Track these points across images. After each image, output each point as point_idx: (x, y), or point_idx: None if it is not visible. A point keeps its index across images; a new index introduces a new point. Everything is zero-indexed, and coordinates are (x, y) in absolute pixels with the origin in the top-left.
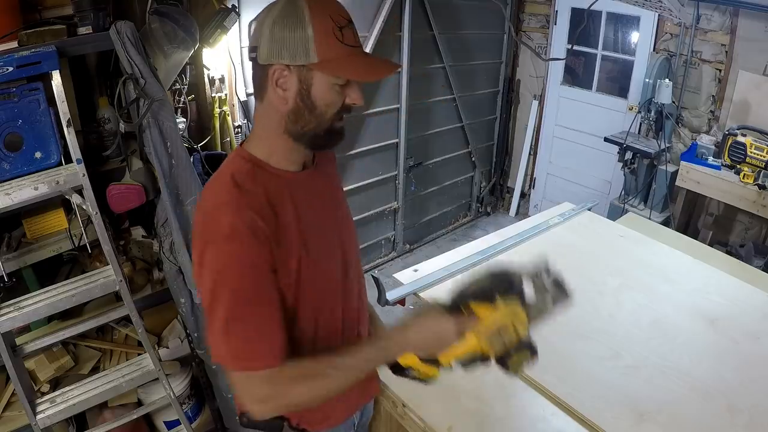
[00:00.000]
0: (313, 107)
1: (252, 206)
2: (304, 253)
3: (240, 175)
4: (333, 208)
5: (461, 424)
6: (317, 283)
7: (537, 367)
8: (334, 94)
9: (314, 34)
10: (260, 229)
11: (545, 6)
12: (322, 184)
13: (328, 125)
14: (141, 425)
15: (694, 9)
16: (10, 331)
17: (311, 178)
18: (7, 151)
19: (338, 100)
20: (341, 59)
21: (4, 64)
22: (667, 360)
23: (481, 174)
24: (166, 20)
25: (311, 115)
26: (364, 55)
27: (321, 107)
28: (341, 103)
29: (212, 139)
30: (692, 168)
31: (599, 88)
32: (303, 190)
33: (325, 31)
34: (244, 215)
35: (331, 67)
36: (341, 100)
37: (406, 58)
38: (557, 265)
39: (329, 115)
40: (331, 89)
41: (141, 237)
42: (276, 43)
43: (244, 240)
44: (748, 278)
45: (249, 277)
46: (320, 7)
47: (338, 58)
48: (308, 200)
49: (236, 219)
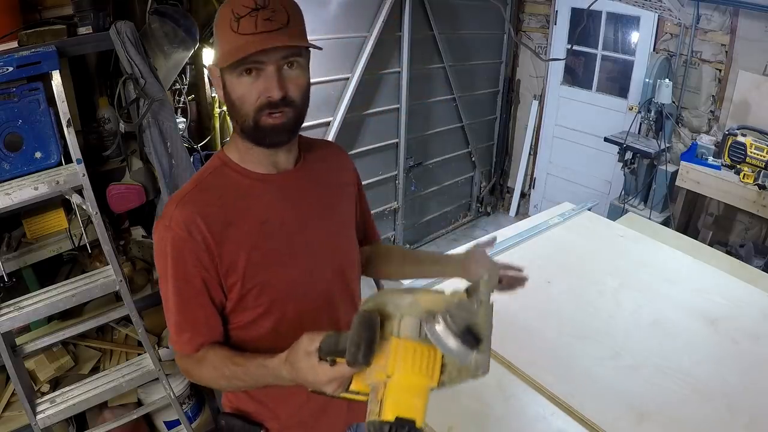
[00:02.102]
0: (231, 103)
1: (199, 202)
2: (255, 253)
3: (206, 173)
4: (312, 211)
5: (461, 424)
6: (273, 284)
7: (537, 367)
8: (244, 86)
9: (217, 30)
10: (196, 227)
11: (545, 6)
12: (304, 187)
13: (253, 121)
14: (141, 425)
15: (694, 9)
16: (10, 331)
17: (286, 181)
18: (7, 151)
19: (249, 92)
20: (233, 46)
21: (4, 64)
22: (667, 360)
23: (481, 174)
24: (166, 20)
25: (234, 110)
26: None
27: (236, 101)
28: (255, 95)
29: (212, 139)
30: (692, 168)
31: (599, 88)
32: (273, 192)
33: (223, 25)
34: (186, 211)
35: (223, 59)
36: (255, 93)
37: (406, 58)
38: (557, 265)
39: (246, 109)
40: (239, 82)
41: (141, 237)
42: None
43: (177, 233)
44: (748, 278)
45: (176, 267)
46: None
47: (230, 49)
48: (278, 202)
49: (177, 212)
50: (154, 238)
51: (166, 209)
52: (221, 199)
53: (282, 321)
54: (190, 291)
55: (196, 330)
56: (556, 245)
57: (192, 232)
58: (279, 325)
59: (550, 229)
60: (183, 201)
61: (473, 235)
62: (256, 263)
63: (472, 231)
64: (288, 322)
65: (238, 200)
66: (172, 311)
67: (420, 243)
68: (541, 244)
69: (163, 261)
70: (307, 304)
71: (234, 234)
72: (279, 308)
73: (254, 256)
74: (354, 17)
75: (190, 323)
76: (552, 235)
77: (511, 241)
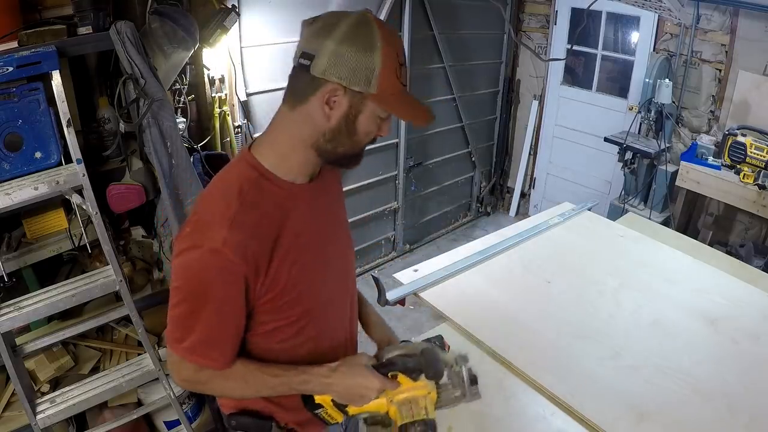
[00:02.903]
0: (353, 132)
1: (250, 223)
2: (295, 267)
3: (246, 185)
4: (331, 221)
5: (461, 424)
6: (306, 296)
7: (537, 367)
8: (374, 124)
9: (380, 65)
10: (252, 252)
11: (545, 6)
12: (324, 197)
13: (359, 150)
14: (141, 425)
15: (694, 9)
16: (10, 331)
17: (314, 191)
18: (7, 151)
19: (375, 131)
20: (396, 96)
21: (4, 64)
22: (667, 360)
23: (481, 174)
24: (166, 20)
25: (348, 138)
26: (411, 96)
27: (361, 134)
28: (375, 132)
29: (212, 139)
30: (692, 168)
31: (599, 88)
32: (305, 204)
33: (390, 65)
34: (239, 234)
35: (387, 101)
36: (375, 131)
37: (406, 58)
38: (557, 265)
39: (365, 142)
40: (373, 120)
41: (141, 237)
42: (341, 60)
43: (230, 258)
44: (748, 278)
45: (225, 291)
46: (391, 39)
47: (394, 94)
48: (308, 214)
49: (229, 236)
50: (190, 257)
51: (214, 229)
52: (266, 216)
53: (305, 329)
54: (232, 313)
55: (227, 346)
56: (556, 245)
57: (247, 258)
58: (302, 332)
59: (550, 229)
60: (236, 222)
61: (473, 235)
62: (295, 276)
63: (472, 231)
64: (310, 330)
65: (279, 214)
66: (203, 329)
67: (420, 243)
68: (541, 244)
69: (201, 281)
70: (328, 311)
71: (278, 250)
72: (306, 317)
73: (294, 270)
74: None
75: (223, 341)
76: (552, 235)
77: (511, 241)
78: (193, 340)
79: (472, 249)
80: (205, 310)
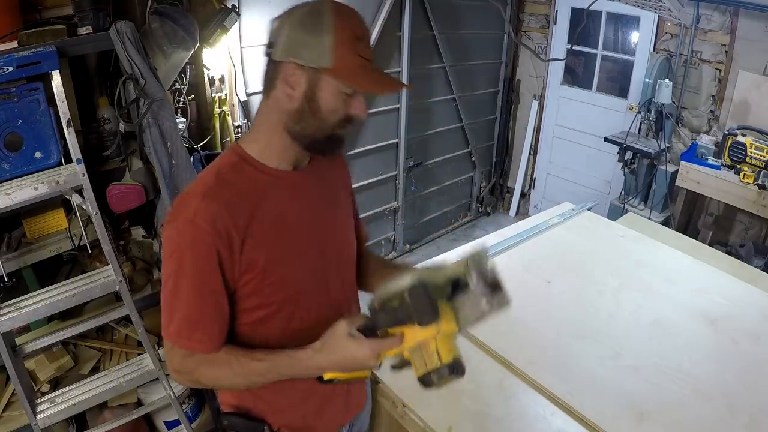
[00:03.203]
0: (316, 110)
1: (223, 198)
2: (274, 250)
3: (224, 167)
4: (322, 210)
5: (461, 424)
6: (289, 281)
7: (537, 367)
8: (339, 101)
9: (333, 41)
10: (222, 221)
11: (545, 6)
12: (315, 185)
13: (329, 131)
14: (141, 425)
15: (694, 9)
16: (10, 331)
17: (301, 179)
18: (7, 151)
19: (342, 109)
20: (354, 69)
21: (4, 64)
22: (667, 360)
23: (481, 174)
24: (166, 20)
25: (313, 118)
26: (375, 69)
27: (324, 112)
28: (345, 112)
29: (212, 139)
30: (692, 168)
31: (599, 88)
32: (288, 190)
33: (343, 39)
34: (211, 205)
35: (343, 75)
36: (345, 110)
37: (406, 58)
38: (557, 265)
39: (331, 121)
40: (337, 96)
41: (141, 237)
42: (294, 42)
43: (202, 227)
44: (748, 278)
45: (198, 263)
46: (343, 16)
47: (351, 67)
48: (293, 200)
49: (202, 205)
50: (169, 232)
51: (189, 202)
52: (242, 194)
53: (293, 317)
54: (208, 288)
55: (212, 329)
56: (556, 245)
57: (218, 227)
58: (290, 320)
59: (550, 229)
60: (208, 194)
61: (473, 235)
62: (274, 260)
63: (472, 231)
64: (299, 318)
65: (258, 196)
66: (183, 308)
67: (420, 243)
68: (541, 244)
69: (179, 255)
70: (317, 299)
71: (255, 230)
72: (292, 304)
73: (273, 253)
74: None
75: (206, 322)
76: (552, 235)
77: (511, 241)
78: (177, 321)
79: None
80: (183, 286)
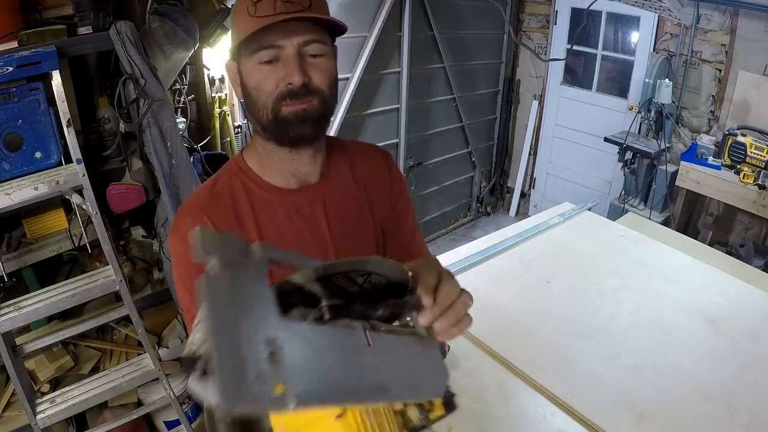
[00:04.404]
0: (248, 94)
1: (214, 213)
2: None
3: (222, 179)
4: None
5: (461, 424)
6: None
7: (537, 367)
8: (261, 73)
9: (233, 19)
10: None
11: (545, 6)
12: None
13: (272, 113)
14: (141, 425)
15: (694, 9)
16: (10, 331)
17: (304, 197)
18: (7, 151)
19: (267, 80)
20: (247, 25)
21: (4, 64)
22: (667, 360)
23: (481, 174)
24: (166, 20)
25: (251, 104)
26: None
27: (252, 91)
28: (274, 83)
29: (212, 139)
30: (692, 168)
31: (599, 88)
32: (286, 211)
33: (240, 11)
34: (199, 220)
35: (239, 38)
36: (273, 81)
37: (406, 58)
38: (557, 265)
39: (263, 98)
40: (255, 69)
41: (141, 237)
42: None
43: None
44: (748, 278)
45: (188, 277)
46: None
47: (247, 26)
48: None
49: (190, 221)
50: (169, 244)
51: (180, 218)
52: (234, 209)
53: None
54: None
55: None
56: (556, 245)
57: None
58: None
59: (550, 229)
60: (197, 214)
61: (473, 235)
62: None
63: (472, 231)
64: None
65: (252, 213)
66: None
67: None
68: (541, 244)
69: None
70: None
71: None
72: None
73: None
74: (354, 17)
75: None
76: (552, 235)
77: (511, 241)
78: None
79: (472, 249)
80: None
